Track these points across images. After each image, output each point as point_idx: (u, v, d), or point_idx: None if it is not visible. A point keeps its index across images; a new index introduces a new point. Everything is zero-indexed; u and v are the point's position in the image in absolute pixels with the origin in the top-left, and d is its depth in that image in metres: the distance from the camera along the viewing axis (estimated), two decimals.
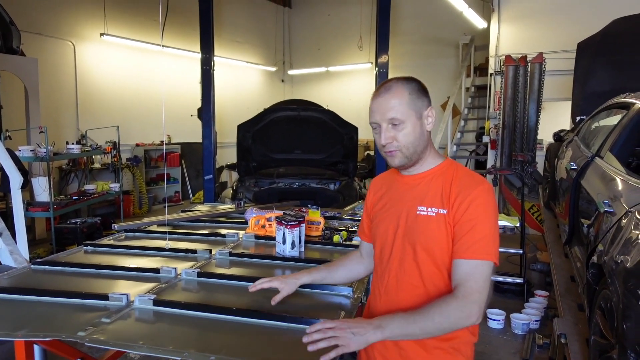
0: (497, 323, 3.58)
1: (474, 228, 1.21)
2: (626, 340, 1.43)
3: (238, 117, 5.97)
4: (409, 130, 1.27)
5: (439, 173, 1.31)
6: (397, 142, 1.27)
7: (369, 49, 9.62)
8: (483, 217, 1.22)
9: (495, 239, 1.23)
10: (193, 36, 7.10)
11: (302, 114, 5.09)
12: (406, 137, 1.27)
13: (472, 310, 1.17)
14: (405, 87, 1.28)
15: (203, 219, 2.97)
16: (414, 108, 1.27)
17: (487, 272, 1.21)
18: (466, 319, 1.17)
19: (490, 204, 1.25)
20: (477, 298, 1.17)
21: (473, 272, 1.20)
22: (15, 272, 1.92)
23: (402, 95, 1.26)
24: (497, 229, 1.25)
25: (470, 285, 1.18)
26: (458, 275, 1.22)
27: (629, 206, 1.83)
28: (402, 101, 1.26)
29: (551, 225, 3.89)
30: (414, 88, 1.28)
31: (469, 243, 1.21)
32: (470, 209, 1.22)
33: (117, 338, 1.30)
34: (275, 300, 1.48)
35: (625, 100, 2.75)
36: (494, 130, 6.81)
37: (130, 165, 7.83)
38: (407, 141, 1.27)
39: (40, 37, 6.80)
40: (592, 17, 5.59)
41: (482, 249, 1.20)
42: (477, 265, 1.20)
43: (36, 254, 4.90)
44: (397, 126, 1.26)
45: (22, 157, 4.95)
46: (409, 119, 1.26)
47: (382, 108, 1.27)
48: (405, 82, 1.29)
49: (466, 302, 1.17)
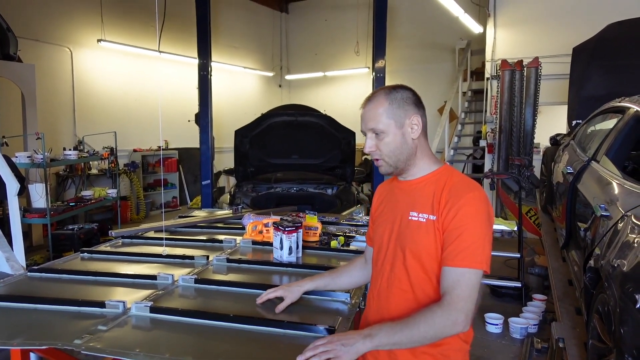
0: (495, 327, 3.58)
1: (462, 235, 1.21)
2: (624, 344, 1.43)
3: (235, 122, 5.97)
4: (389, 139, 1.29)
5: (433, 179, 1.32)
6: (380, 151, 1.30)
7: (366, 53, 9.66)
8: (471, 224, 1.21)
9: (484, 246, 1.21)
10: (190, 42, 7.10)
11: (300, 119, 5.10)
12: (387, 146, 1.29)
13: (458, 318, 1.16)
14: (387, 96, 1.30)
15: (200, 224, 2.96)
16: (393, 117, 1.28)
17: (475, 280, 1.20)
18: (451, 327, 1.17)
19: (481, 211, 1.23)
20: (462, 306, 1.17)
21: (460, 280, 1.19)
22: (11, 279, 1.91)
23: (382, 105, 1.29)
24: (487, 236, 1.23)
25: (456, 294, 1.18)
26: (445, 283, 1.21)
27: (625, 210, 1.84)
28: (382, 111, 1.28)
29: (549, 229, 3.89)
30: (396, 97, 1.29)
31: (456, 251, 1.21)
32: (458, 216, 1.22)
33: (113, 346, 1.29)
34: (279, 309, 1.49)
35: (620, 105, 2.77)
36: (491, 134, 6.83)
37: (128, 171, 7.81)
38: (387, 150, 1.30)
39: (37, 43, 6.81)
40: (587, 22, 5.62)
41: (469, 256, 1.20)
42: (464, 273, 1.19)
43: (33, 261, 4.88)
44: (378, 135, 1.30)
45: (19, 164, 4.94)
46: (389, 128, 1.28)
47: (365, 117, 1.32)
48: (389, 91, 1.31)
49: (451, 310, 1.16)
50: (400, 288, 1.31)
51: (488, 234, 1.24)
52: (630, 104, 2.60)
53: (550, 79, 6.18)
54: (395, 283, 1.32)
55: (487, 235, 1.23)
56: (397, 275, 1.32)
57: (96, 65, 7.83)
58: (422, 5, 9.57)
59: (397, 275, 1.32)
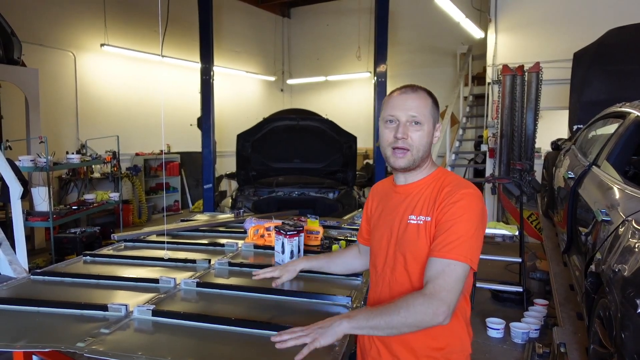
0: (496, 332, 3.57)
1: (451, 228, 1.21)
2: (625, 349, 1.43)
3: (237, 126, 6.00)
4: (424, 133, 1.31)
5: (429, 182, 1.34)
6: (411, 141, 1.30)
7: (368, 58, 9.69)
8: (462, 219, 1.21)
9: (473, 242, 1.21)
10: (193, 46, 7.16)
11: (301, 123, 5.12)
12: (420, 139, 1.30)
13: (439, 308, 1.14)
14: (430, 96, 1.34)
15: (202, 228, 2.97)
16: (433, 116, 1.33)
17: (460, 272, 1.19)
18: (432, 316, 1.14)
19: (473, 208, 1.23)
20: (444, 296, 1.15)
21: (444, 270, 1.18)
22: (14, 283, 1.92)
23: (426, 100, 1.32)
24: (477, 233, 1.23)
25: (439, 283, 1.17)
26: (429, 272, 1.21)
27: (626, 215, 1.84)
28: (427, 105, 1.32)
29: (550, 233, 3.89)
30: (434, 100, 1.35)
31: (444, 242, 1.20)
32: (450, 211, 1.23)
33: (116, 349, 1.30)
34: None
35: (621, 110, 2.78)
36: (492, 139, 6.84)
37: (130, 175, 7.83)
38: (419, 143, 1.30)
39: (41, 47, 6.85)
40: (588, 28, 5.64)
41: (456, 249, 1.19)
42: (450, 264, 1.19)
43: (35, 264, 4.89)
44: (416, 125, 1.30)
45: (22, 167, 4.96)
46: (427, 123, 1.31)
47: (406, 105, 1.31)
48: (430, 92, 1.36)
49: (433, 300, 1.15)
50: (401, 292, 1.31)
51: (478, 231, 1.23)
52: (630, 109, 2.61)
53: (551, 84, 6.19)
54: (397, 287, 1.33)
55: (478, 232, 1.23)
56: (399, 280, 1.33)
57: (99, 70, 7.87)
58: (423, 10, 9.60)
59: (399, 280, 1.33)
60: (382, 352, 1.33)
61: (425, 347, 1.27)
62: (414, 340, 1.27)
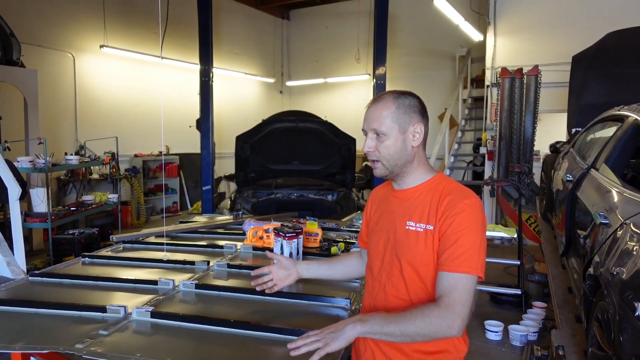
0: (495, 334, 3.57)
1: (458, 241, 1.22)
2: (623, 352, 1.44)
3: (236, 128, 6.00)
4: (389, 143, 1.29)
5: (428, 188, 1.33)
6: (378, 153, 1.31)
7: (367, 60, 9.70)
8: (468, 230, 1.22)
9: (479, 252, 1.23)
10: (192, 48, 7.16)
11: (300, 125, 5.13)
12: (386, 149, 1.30)
13: (455, 322, 1.17)
14: (395, 100, 1.30)
15: (201, 230, 2.97)
16: (397, 122, 1.29)
17: (471, 285, 1.21)
18: (447, 329, 1.17)
19: (477, 218, 1.24)
20: (459, 310, 1.17)
21: (457, 284, 1.20)
22: (12, 284, 1.92)
23: (388, 108, 1.29)
24: (482, 243, 1.24)
25: (453, 297, 1.18)
26: (442, 287, 1.22)
27: (624, 218, 1.84)
28: (389, 113, 1.29)
29: (548, 236, 3.89)
30: (403, 103, 1.30)
31: (453, 256, 1.21)
32: (455, 222, 1.23)
33: (114, 350, 1.30)
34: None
35: (619, 113, 2.78)
36: (491, 142, 6.85)
37: (129, 176, 7.83)
38: (386, 153, 1.30)
39: (40, 48, 6.85)
40: (587, 31, 5.65)
41: (466, 262, 1.20)
42: (461, 278, 1.20)
43: (33, 265, 4.88)
44: (379, 137, 1.30)
45: (21, 168, 4.95)
46: (392, 132, 1.29)
47: (369, 117, 1.32)
48: (397, 96, 1.31)
49: (449, 313, 1.17)
50: (397, 296, 1.32)
51: (483, 241, 1.25)
52: (629, 113, 2.62)
53: (550, 86, 6.21)
54: (392, 292, 1.33)
55: (482, 242, 1.25)
56: (395, 284, 1.33)
57: (98, 71, 7.87)
58: (422, 13, 9.62)
59: (395, 284, 1.33)
60: (377, 354, 1.33)
61: (418, 351, 1.28)
62: (408, 344, 1.27)
